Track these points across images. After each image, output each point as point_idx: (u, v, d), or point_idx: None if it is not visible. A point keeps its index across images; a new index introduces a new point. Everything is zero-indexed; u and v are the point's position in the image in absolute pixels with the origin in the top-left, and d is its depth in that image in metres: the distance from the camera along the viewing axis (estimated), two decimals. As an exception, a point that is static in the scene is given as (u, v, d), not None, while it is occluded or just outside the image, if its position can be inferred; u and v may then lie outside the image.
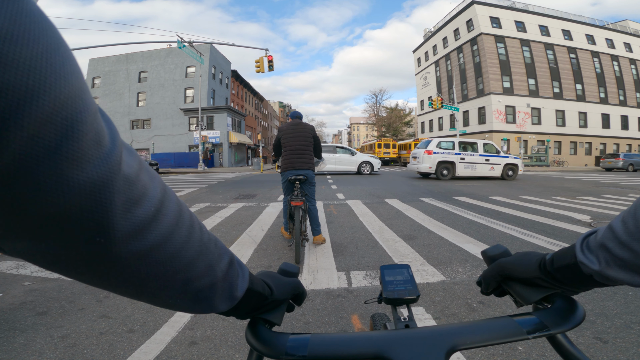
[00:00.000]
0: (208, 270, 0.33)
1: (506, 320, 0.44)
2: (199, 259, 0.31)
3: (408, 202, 7.59)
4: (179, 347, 1.98)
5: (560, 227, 4.99)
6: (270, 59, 17.29)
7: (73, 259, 0.22)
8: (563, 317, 0.43)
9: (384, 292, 0.60)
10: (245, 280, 0.40)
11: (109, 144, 0.21)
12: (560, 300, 0.45)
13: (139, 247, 0.24)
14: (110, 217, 0.21)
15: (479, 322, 0.44)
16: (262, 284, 0.45)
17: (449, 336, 0.42)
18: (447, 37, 39.66)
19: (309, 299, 2.62)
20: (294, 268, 0.56)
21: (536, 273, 0.45)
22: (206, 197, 8.99)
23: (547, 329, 0.42)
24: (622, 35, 37.15)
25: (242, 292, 0.39)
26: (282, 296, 0.48)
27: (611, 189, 10.88)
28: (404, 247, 4.03)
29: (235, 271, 0.38)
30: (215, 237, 0.36)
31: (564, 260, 0.41)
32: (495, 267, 0.50)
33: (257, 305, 0.44)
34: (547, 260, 0.44)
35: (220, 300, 0.36)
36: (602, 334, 2.09)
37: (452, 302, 2.54)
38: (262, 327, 0.46)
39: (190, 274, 0.30)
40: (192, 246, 0.30)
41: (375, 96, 67.33)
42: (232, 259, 0.38)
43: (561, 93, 33.98)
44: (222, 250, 0.36)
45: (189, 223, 0.30)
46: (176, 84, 32.82)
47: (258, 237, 4.60)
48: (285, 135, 4.10)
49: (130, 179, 0.23)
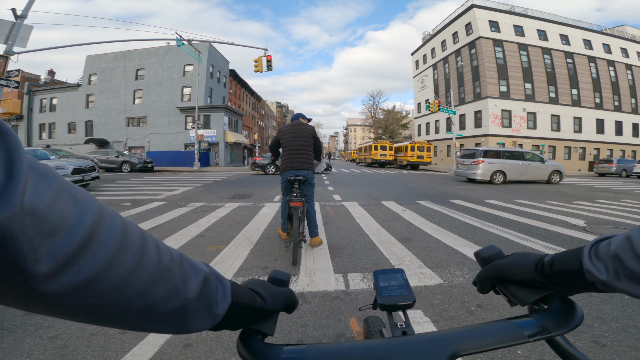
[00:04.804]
0: (174, 293, 0.30)
1: (506, 324, 0.43)
2: (158, 283, 0.29)
3: (404, 204, 7.58)
4: (173, 350, 1.94)
5: (556, 232, 5.00)
6: (269, 59, 17.26)
7: (3, 296, 0.21)
8: (562, 319, 0.42)
9: (379, 298, 0.58)
10: (227, 296, 0.38)
11: (2, 179, 0.19)
12: (558, 301, 0.44)
13: (70, 280, 0.22)
14: (20, 256, 0.19)
15: (478, 326, 0.43)
16: (251, 295, 0.43)
17: (450, 342, 0.41)
18: (446, 40, 39.83)
19: (307, 301, 2.59)
20: (285, 276, 0.53)
21: (532, 275, 0.44)
22: (202, 196, 8.93)
23: (548, 331, 0.41)
24: (619, 41, 37.41)
25: (225, 309, 0.37)
26: (275, 307, 0.47)
27: (605, 194, 10.97)
28: (401, 249, 4.01)
29: (213, 288, 0.36)
30: (181, 256, 0.34)
31: (566, 264, 0.40)
32: (490, 269, 0.50)
33: (247, 317, 0.43)
34: (545, 262, 0.43)
35: (197, 320, 0.34)
36: (600, 337, 2.08)
37: (450, 305, 2.52)
38: (254, 339, 0.44)
39: (150, 300, 0.28)
40: (146, 271, 0.28)
41: (373, 98, 67.69)
42: (207, 276, 0.36)
43: (557, 98, 34.21)
44: (192, 268, 0.34)
45: (139, 246, 0.28)
46: (173, 82, 32.60)
47: (254, 237, 4.56)
48: (285, 135, 4.09)
49: (38, 212, 0.21)
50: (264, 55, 17.27)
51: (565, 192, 10.98)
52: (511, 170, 14.14)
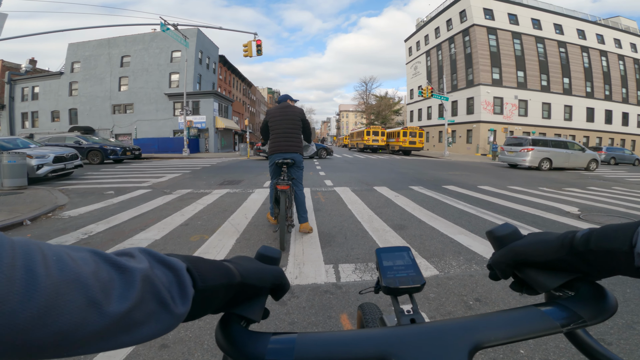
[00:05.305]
0: (91, 308, 0.23)
1: (533, 311, 0.37)
2: (54, 308, 0.21)
3: (397, 189, 7.44)
4: (148, 351, 1.78)
5: (551, 219, 4.91)
6: (258, 43, 16.79)
7: None
8: (594, 306, 0.36)
9: (383, 280, 0.49)
10: (186, 288, 0.31)
11: None
12: (587, 286, 0.38)
13: None
14: None
15: (501, 313, 0.37)
16: (224, 271, 0.36)
17: (470, 331, 0.34)
18: (440, 27, 39.32)
19: (295, 296, 2.43)
20: (275, 252, 0.45)
21: (559, 254, 0.37)
22: (189, 183, 8.66)
23: (582, 320, 0.35)
24: (612, 32, 37.41)
25: (187, 303, 0.31)
26: (259, 283, 0.40)
27: (595, 181, 11.00)
28: (395, 237, 3.86)
29: (162, 284, 0.29)
30: (100, 259, 0.26)
31: (608, 243, 0.33)
32: (509, 252, 0.43)
33: (226, 298, 0.36)
34: (577, 238, 0.36)
35: (149, 328, 0.28)
36: (605, 334, 1.96)
37: (447, 299, 2.38)
38: (236, 326, 0.37)
39: (57, 326, 0.22)
40: (39, 294, 0.21)
41: (365, 84, 67.23)
42: (146, 273, 0.28)
43: (548, 86, 34.28)
44: (119, 270, 0.27)
45: (6, 266, 0.20)
46: (161, 69, 31.71)
47: (241, 225, 4.37)
48: (273, 118, 4.00)
49: None
50: (254, 40, 16.80)
51: (556, 179, 10.98)
52: (556, 158, 15.00)
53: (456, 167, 15.15)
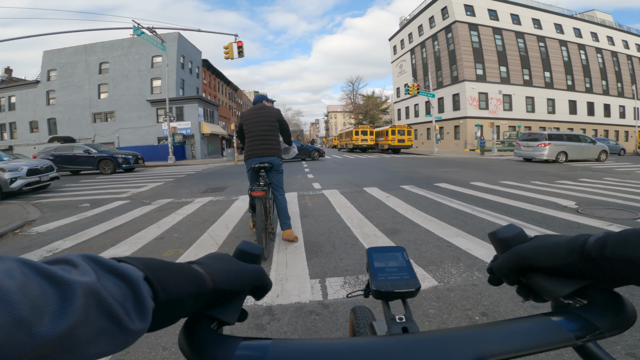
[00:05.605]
0: (17, 329, 0.18)
1: (542, 321, 0.32)
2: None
3: (388, 190, 7.16)
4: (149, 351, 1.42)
5: (550, 215, 4.69)
6: (239, 45, 16.41)
7: None
8: (611, 316, 0.32)
9: (373, 283, 0.44)
10: (143, 300, 0.26)
11: None
12: (602, 294, 0.33)
13: None
14: None
15: (506, 323, 0.32)
16: (192, 278, 0.31)
17: (470, 343, 0.30)
18: (423, 25, 39.50)
19: (275, 319, 2.10)
20: (256, 249, 0.41)
21: (569, 259, 0.34)
22: (171, 191, 8.23)
23: (599, 331, 0.31)
24: (589, 25, 38.21)
25: (146, 318, 0.26)
26: (237, 287, 0.36)
27: (585, 172, 10.93)
28: (387, 244, 3.56)
29: (111, 297, 0.24)
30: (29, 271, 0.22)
31: (627, 250, 0.29)
32: (513, 256, 0.39)
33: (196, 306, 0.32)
34: (591, 243, 0.32)
35: (96, 346, 0.23)
36: (635, 348, 1.69)
37: (450, 315, 2.09)
38: (204, 327, 0.33)
39: None
40: None
41: (352, 84, 67.18)
42: (90, 286, 0.23)
43: (531, 80, 34.73)
44: (54, 284, 0.22)
45: None
46: (141, 75, 30.85)
47: (221, 237, 4.02)
48: (247, 120, 3.71)
49: None
50: (235, 42, 16.40)
51: (546, 172, 10.88)
52: (571, 151, 15.74)
53: (446, 164, 15.01)
